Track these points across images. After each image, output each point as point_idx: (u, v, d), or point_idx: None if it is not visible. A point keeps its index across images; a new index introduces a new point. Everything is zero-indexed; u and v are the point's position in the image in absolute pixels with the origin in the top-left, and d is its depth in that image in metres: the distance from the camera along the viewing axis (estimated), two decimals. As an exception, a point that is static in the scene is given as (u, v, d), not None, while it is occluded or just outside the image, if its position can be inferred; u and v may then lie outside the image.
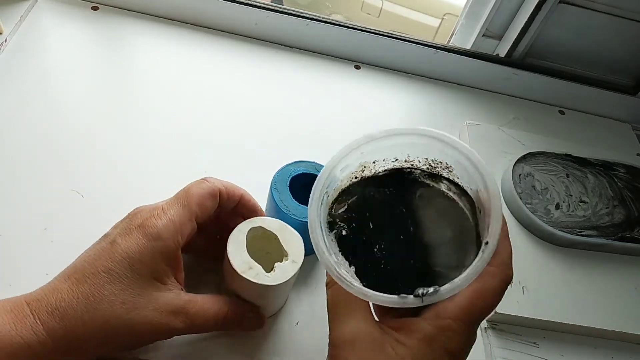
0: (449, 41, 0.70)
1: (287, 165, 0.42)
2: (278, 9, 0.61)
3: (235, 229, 0.37)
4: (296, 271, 0.36)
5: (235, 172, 0.48)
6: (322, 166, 0.34)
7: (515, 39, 0.63)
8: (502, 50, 0.66)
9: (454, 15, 1.34)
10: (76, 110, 0.50)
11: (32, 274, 0.38)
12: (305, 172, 0.42)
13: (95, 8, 0.60)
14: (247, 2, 0.61)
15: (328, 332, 0.30)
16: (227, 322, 0.35)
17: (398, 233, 0.33)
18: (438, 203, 0.35)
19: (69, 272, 0.32)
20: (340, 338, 0.29)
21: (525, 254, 0.49)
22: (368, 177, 0.35)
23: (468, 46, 0.67)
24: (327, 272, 0.30)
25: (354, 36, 0.63)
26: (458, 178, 0.34)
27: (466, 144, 0.32)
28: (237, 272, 0.34)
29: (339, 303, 0.30)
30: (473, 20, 0.66)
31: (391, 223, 0.34)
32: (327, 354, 0.30)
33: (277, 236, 0.37)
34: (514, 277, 0.45)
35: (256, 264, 0.35)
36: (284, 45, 0.64)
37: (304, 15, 0.62)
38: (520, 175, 0.54)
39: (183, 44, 0.60)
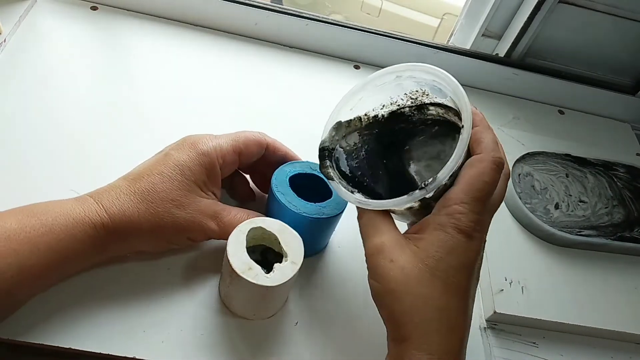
0: (448, 41, 0.70)
1: (282, 166, 0.41)
2: (278, 9, 0.61)
3: (235, 230, 0.37)
4: (295, 272, 0.36)
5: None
6: (317, 164, 0.38)
7: (515, 38, 0.63)
8: (502, 50, 0.66)
9: (454, 15, 1.34)
10: (75, 110, 0.50)
11: (32, 275, 0.38)
12: (300, 172, 0.42)
13: (94, 8, 0.60)
14: (247, 2, 0.61)
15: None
16: None
17: (398, 166, 0.39)
18: (433, 132, 0.39)
19: (127, 175, 0.37)
20: (372, 248, 0.33)
21: (525, 254, 0.49)
22: (369, 124, 0.39)
23: (467, 46, 0.67)
24: (356, 207, 0.35)
25: (353, 36, 0.63)
26: (436, 98, 0.38)
27: (419, 63, 0.36)
28: (236, 273, 0.34)
29: (367, 225, 0.34)
30: (472, 20, 0.66)
31: (393, 161, 0.39)
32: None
33: (277, 237, 0.37)
34: (513, 276, 0.46)
35: (255, 264, 0.35)
36: (284, 45, 0.64)
37: (304, 15, 0.62)
38: (519, 175, 0.54)
39: (183, 44, 0.60)
